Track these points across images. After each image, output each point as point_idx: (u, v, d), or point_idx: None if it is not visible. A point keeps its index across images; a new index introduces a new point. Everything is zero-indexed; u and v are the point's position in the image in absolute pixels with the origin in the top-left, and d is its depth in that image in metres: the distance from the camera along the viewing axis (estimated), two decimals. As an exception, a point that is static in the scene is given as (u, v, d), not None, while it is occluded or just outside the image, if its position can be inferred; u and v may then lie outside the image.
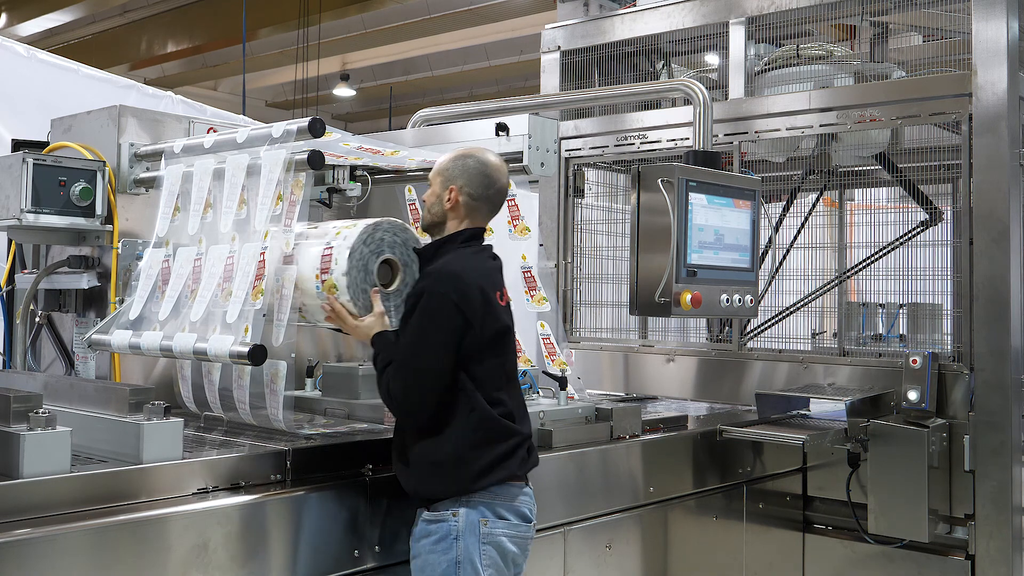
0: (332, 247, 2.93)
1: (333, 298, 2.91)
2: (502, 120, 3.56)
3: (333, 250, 2.92)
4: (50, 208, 3.37)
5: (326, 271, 2.91)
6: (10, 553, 2.17)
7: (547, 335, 3.79)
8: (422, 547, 2.76)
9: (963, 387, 4.21)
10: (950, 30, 4.53)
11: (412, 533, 2.82)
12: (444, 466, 2.75)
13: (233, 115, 5.83)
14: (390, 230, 3.00)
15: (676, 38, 5.28)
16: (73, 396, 2.86)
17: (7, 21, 14.44)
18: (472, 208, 2.90)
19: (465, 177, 2.88)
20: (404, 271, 3.03)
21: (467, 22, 13.73)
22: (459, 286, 2.75)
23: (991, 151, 4.17)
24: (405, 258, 3.03)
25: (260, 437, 3.05)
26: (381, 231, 2.98)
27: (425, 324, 2.73)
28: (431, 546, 2.74)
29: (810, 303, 5.08)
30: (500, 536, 2.77)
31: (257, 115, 8.57)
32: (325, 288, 2.91)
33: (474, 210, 2.91)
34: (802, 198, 5.39)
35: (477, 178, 2.89)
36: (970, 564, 4.17)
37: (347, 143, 3.28)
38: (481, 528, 2.75)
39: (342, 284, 2.89)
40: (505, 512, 2.79)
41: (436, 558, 2.73)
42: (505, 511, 2.79)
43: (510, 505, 2.80)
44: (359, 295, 2.91)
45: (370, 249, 2.94)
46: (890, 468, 4.08)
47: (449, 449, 2.75)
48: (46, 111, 3.95)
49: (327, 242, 2.95)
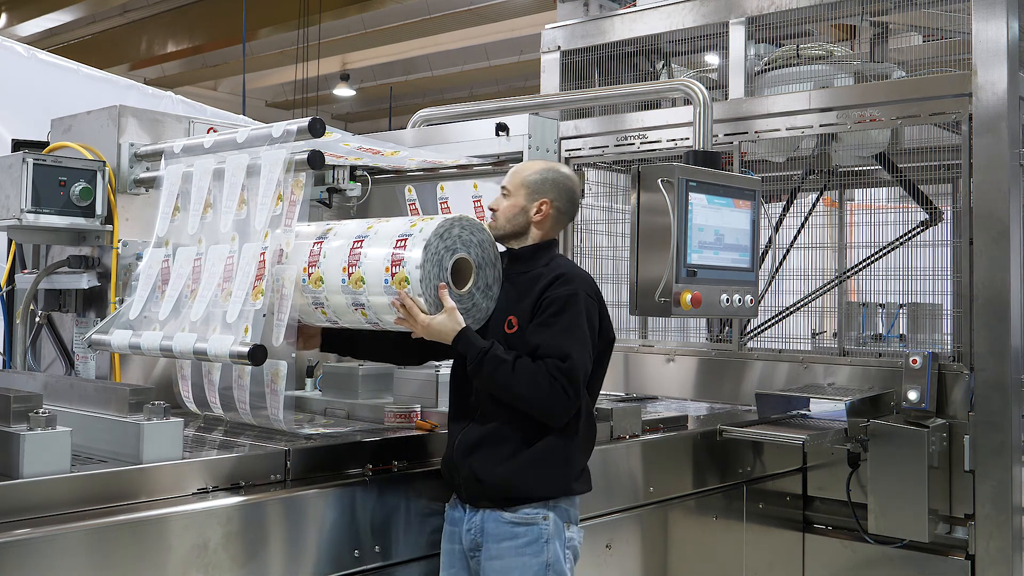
0: (407, 238, 2.75)
1: (404, 293, 2.71)
2: (502, 120, 3.57)
3: (408, 241, 2.74)
4: (50, 208, 3.37)
5: (397, 264, 2.72)
6: (10, 553, 2.17)
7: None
8: (505, 549, 2.77)
9: (963, 387, 4.21)
10: (950, 30, 4.53)
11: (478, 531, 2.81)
12: (552, 466, 2.79)
13: (233, 115, 5.84)
14: (468, 228, 2.83)
15: (676, 38, 5.28)
16: (73, 396, 2.86)
17: (7, 21, 14.44)
18: (557, 221, 3.00)
19: (556, 192, 2.95)
20: (477, 273, 2.84)
21: (467, 22, 13.73)
22: (596, 291, 2.87)
23: (991, 151, 4.17)
24: (479, 259, 2.85)
25: (260, 437, 3.05)
26: (459, 227, 2.80)
27: (581, 323, 2.77)
28: (520, 549, 2.76)
29: (810, 303, 5.08)
30: (575, 542, 2.87)
31: (257, 115, 8.57)
32: (395, 282, 2.72)
33: (557, 223, 3.02)
34: (802, 198, 5.39)
35: (566, 194, 2.99)
36: (970, 564, 4.17)
37: (347, 143, 3.28)
38: (565, 533, 2.82)
39: (415, 278, 2.69)
40: (576, 518, 2.88)
41: (527, 561, 2.76)
42: (575, 518, 2.88)
43: (577, 513, 2.90)
44: (431, 292, 2.73)
45: (445, 245, 2.76)
46: (890, 468, 4.08)
47: (560, 450, 2.80)
48: (46, 111, 3.95)
49: (401, 234, 2.77)
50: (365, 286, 2.77)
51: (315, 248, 2.92)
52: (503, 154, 3.56)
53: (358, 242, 2.83)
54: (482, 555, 2.81)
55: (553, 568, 2.77)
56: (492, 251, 2.89)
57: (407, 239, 2.73)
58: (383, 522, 2.90)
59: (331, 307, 2.88)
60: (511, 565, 2.76)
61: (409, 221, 2.81)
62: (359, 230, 2.88)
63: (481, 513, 2.82)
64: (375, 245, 2.79)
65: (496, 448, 2.79)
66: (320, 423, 3.45)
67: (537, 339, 2.74)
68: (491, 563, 2.79)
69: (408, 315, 2.72)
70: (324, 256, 2.88)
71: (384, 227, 2.85)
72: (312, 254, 2.91)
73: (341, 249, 2.85)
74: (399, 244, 2.73)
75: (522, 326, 2.79)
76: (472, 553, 2.85)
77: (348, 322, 2.92)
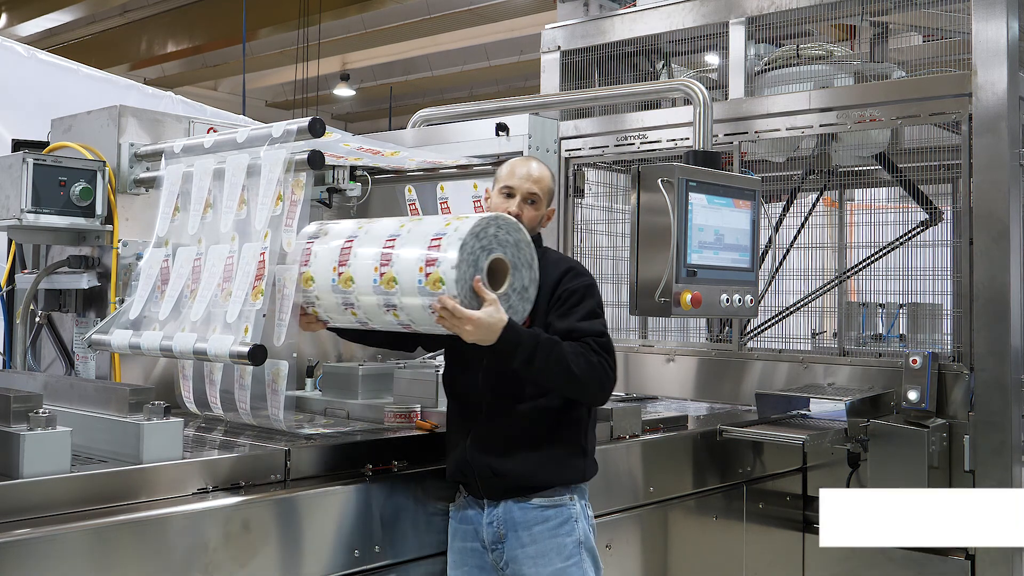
0: (441, 237, 2.65)
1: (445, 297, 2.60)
2: (502, 120, 3.58)
3: (442, 241, 2.64)
4: (50, 208, 3.37)
5: (432, 264, 2.62)
6: (10, 553, 2.17)
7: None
8: (538, 533, 2.81)
9: (963, 387, 4.21)
10: (950, 30, 4.53)
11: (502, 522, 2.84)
12: (570, 455, 2.87)
13: (233, 115, 5.84)
14: (504, 227, 2.72)
15: (676, 38, 5.28)
16: (73, 396, 2.86)
17: (7, 21, 14.44)
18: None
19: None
20: (513, 274, 2.74)
21: (467, 22, 13.73)
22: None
23: (991, 151, 4.17)
24: (516, 260, 2.75)
25: (260, 437, 3.05)
26: (495, 227, 2.70)
27: (601, 311, 2.86)
28: (553, 530, 2.82)
29: (810, 303, 5.08)
30: (594, 520, 2.94)
31: (257, 115, 8.57)
32: (429, 283, 2.61)
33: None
34: (802, 198, 5.39)
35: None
36: (970, 564, 4.17)
37: (347, 143, 3.28)
38: (587, 511, 2.91)
39: (450, 278, 2.59)
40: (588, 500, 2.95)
41: (561, 541, 2.81)
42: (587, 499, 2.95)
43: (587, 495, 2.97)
44: (467, 293, 2.62)
45: (481, 245, 2.66)
46: (890, 468, 4.08)
47: (577, 438, 2.87)
48: (46, 111, 3.95)
49: (435, 233, 2.67)
50: (398, 287, 2.68)
51: (346, 247, 2.83)
52: (503, 154, 3.56)
53: (390, 241, 2.74)
54: (509, 544, 2.83)
55: (584, 545, 2.84)
56: (528, 252, 2.79)
57: (441, 238, 2.64)
58: (383, 522, 2.90)
59: (361, 308, 2.80)
60: (547, 548, 2.80)
61: (443, 220, 2.73)
62: (391, 229, 2.79)
63: (503, 505, 2.84)
64: (408, 244, 2.70)
65: (513, 442, 2.83)
66: (320, 423, 3.45)
67: (565, 324, 2.77)
68: (524, 550, 2.81)
69: (451, 315, 2.60)
70: (355, 255, 2.79)
71: (417, 226, 2.76)
72: (343, 253, 2.82)
73: (373, 248, 2.76)
74: (433, 243, 2.64)
75: (537, 321, 2.83)
76: (495, 546, 2.86)
77: (379, 323, 2.83)
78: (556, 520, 2.82)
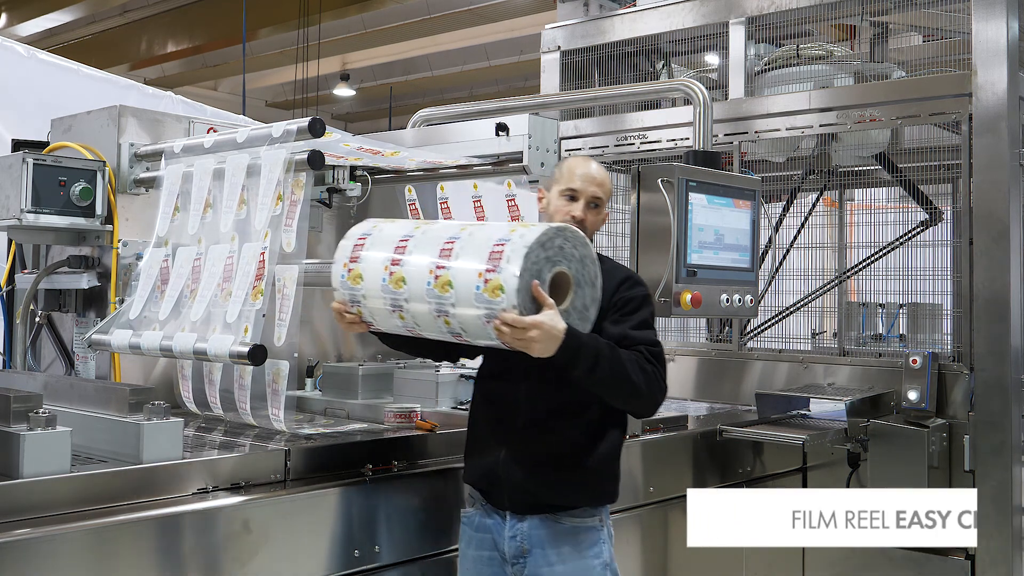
0: (504, 243, 2.46)
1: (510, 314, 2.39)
2: (502, 120, 3.56)
3: (506, 247, 2.45)
4: (50, 208, 3.36)
5: (492, 270, 2.43)
6: (10, 553, 2.17)
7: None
8: (567, 553, 2.70)
9: (963, 387, 4.21)
10: (950, 30, 4.53)
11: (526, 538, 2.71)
12: (604, 476, 2.77)
13: (233, 115, 5.83)
14: (572, 240, 2.53)
15: (676, 38, 5.28)
16: (73, 396, 2.86)
17: (7, 21, 14.44)
18: None
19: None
20: (575, 291, 2.55)
21: (467, 22, 13.73)
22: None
23: (991, 151, 4.17)
24: (579, 276, 2.56)
25: (260, 437, 3.05)
26: (562, 238, 2.51)
27: (654, 323, 2.79)
28: (581, 551, 2.71)
29: (810, 303, 5.08)
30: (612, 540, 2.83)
31: (257, 115, 8.56)
32: (488, 290, 2.42)
33: None
34: (802, 198, 5.39)
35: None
36: (970, 564, 4.17)
37: (347, 143, 3.28)
38: (611, 532, 2.81)
39: (511, 287, 2.39)
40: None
41: (589, 563, 2.71)
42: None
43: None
44: (527, 304, 2.42)
45: (547, 255, 2.47)
46: (890, 468, 4.08)
47: (612, 459, 2.78)
48: (46, 111, 3.95)
49: (499, 238, 2.49)
50: (453, 291, 2.48)
51: (400, 246, 2.64)
52: (503, 154, 3.55)
53: (449, 243, 2.55)
54: (533, 561, 2.71)
55: (610, 568, 2.76)
56: (592, 269, 2.60)
57: (505, 245, 2.45)
58: (383, 522, 2.90)
59: (410, 312, 2.60)
60: (575, 568, 2.70)
61: (508, 226, 2.55)
62: (451, 231, 2.61)
63: (529, 520, 2.71)
64: (468, 248, 2.51)
65: (550, 459, 2.70)
66: (320, 423, 3.45)
67: (619, 330, 2.66)
68: (551, 568, 2.69)
69: (512, 328, 2.39)
70: (409, 256, 2.61)
71: (480, 230, 2.59)
72: (397, 251, 2.63)
73: (430, 250, 2.57)
74: (496, 249, 2.45)
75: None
76: (516, 560, 2.73)
77: (427, 330, 2.64)
78: (586, 542, 2.72)
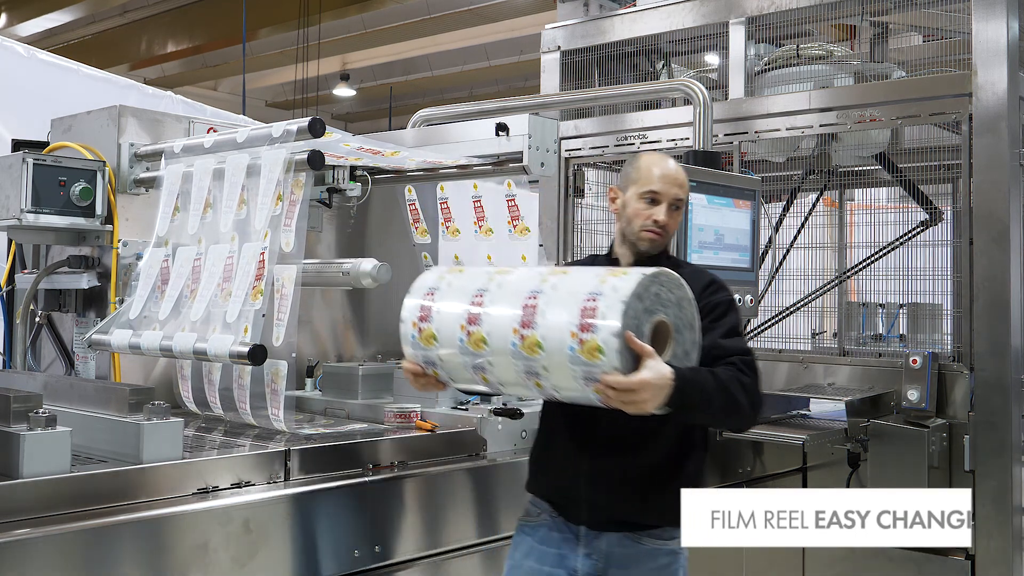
0: (597, 298, 2.24)
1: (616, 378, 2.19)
2: (502, 120, 3.56)
3: (599, 302, 2.23)
4: (50, 208, 3.37)
5: (587, 329, 2.22)
6: (10, 553, 2.17)
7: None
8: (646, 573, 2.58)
9: (963, 387, 4.21)
10: (950, 30, 4.53)
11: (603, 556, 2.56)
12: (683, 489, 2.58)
13: (233, 115, 5.83)
14: (667, 284, 2.32)
15: (676, 38, 5.28)
16: (73, 396, 2.86)
17: (7, 21, 14.44)
18: None
19: None
20: (675, 339, 2.35)
21: (467, 22, 13.73)
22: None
23: (991, 151, 4.16)
24: (678, 321, 2.35)
25: (260, 437, 3.05)
26: (657, 285, 2.30)
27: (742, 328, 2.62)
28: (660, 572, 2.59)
29: (810, 303, 5.07)
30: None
31: (257, 115, 8.56)
32: (584, 351, 2.20)
33: None
34: (802, 198, 5.38)
35: None
36: (970, 564, 4.17)
37: (347, 143, 3.28)
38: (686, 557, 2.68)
39: (612, 347, 2.18)
40: None
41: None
42: None
43: None
44: (629, 363, 2.21)
45: (644, 306, 2.26)
46: (890, 468, 4.08)
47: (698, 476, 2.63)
48: (46, 111, 3.95)
49: (589, 291, 2.26)
50: (543, 353, 2.28)
51: (476, 301, 2.42)
52: (503, 154, 3.55)
53: (532, 298, 2.34)
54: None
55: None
56: (690, 311, 2.39)
57: (597, 299, 2.24)
58: (383, 522, 2.90)
59: (495, 373, 2.41)
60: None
61: (596, 275, 2.33)
62: (532, 283, 2.38)
63: (606, 537, 2.56)
64: (555, 304, 2.29)
65: (636, 477, 2.56)
66: (320, 423, 3.45)
67: (707, 340, 2.46)
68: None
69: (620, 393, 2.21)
70: (487, 313, 2.39)
71: (564, 281, 2.36)
72: (473, 307, 2.42)
73: (511, 305, 2.36)
74: (588, 305, 2.23)
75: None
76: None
77: (515, 388, 2.46)
78: (668, 565, 2.59)
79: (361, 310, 4.26)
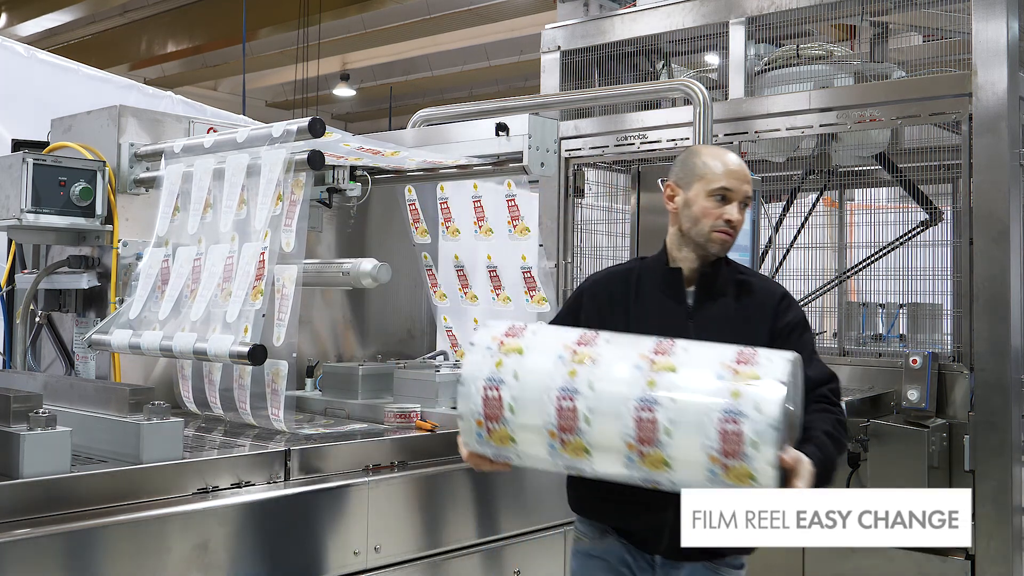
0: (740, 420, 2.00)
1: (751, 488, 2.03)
2: (502, 120, 3.56)
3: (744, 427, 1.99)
4: (50, 208, 3.36)
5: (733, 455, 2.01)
6: (10, 553, 2.17)
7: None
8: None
9: (963, 387, 4.21)
10: (950, 30, 4.54)
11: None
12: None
13: (233, 115, 5.83)
14: (791, 389, 2.08)
15: (676, 38, 5.28)
16: (73, 396, 2.86)
17: (7, 21, 14.44)
18: None
19: None
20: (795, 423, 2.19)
21: (467, 22, 13.73)
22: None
23: (991, 151, 4.17)
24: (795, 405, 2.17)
25: (260, 437, 3.05)
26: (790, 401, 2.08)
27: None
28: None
29: (810, 303, 5.08)
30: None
31: (257, 115, 8.56)
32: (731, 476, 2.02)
33: None
34: (802, 198, 5.39)
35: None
36: (970, 564, 4.17)
37: (347, 143, 3.28)
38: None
39: (768, 477, 1.99)
40: None
41: None
42: None
43: None
44: (781, 478, 2.05)
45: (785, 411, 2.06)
46: (890, 468, 4.09)
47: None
48: (46, 111, 3.95)
49: (724, 408, 2.02)
50: (671, 471, 2.07)
51: (566, 408, 2.13)
52: (503, 154, 3.55)
53: (646, 410, 2.07)
54: None
55: None
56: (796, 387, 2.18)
57: (740, 422, 2.00)
58: (383, 522, 2.90)
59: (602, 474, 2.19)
60: None
61: (720, 380, 2.06)
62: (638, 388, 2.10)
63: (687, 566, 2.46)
64: (683, 424, 2.05)
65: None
66: (320, 423, 3.45)
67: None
68: None
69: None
70: (586, 421, 2.11)
71: (681, 389, 2.08)
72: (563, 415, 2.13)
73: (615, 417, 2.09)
74: (730, 430, 2.00)
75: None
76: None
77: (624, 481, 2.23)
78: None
79: (361, 310, 4.26)
